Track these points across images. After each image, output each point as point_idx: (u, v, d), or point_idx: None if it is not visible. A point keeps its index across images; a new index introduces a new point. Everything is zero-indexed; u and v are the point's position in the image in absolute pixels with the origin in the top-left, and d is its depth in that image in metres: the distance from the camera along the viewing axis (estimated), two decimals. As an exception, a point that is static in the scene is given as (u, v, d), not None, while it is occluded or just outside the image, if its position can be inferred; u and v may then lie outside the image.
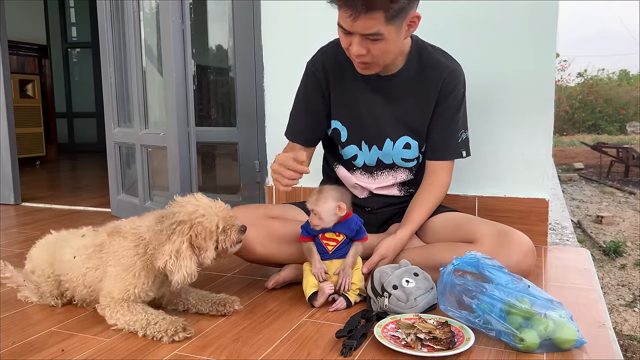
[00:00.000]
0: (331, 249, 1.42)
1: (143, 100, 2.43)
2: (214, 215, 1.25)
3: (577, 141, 11.76)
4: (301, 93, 1.68)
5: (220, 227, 1.26)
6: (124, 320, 1.26)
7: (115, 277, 1.27)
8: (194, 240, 1.23)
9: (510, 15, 1.94)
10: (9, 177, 3.10)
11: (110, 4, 2.59)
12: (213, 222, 1.25)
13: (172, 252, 1.21)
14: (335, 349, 1.16)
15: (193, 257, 1.23)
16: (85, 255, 1.33)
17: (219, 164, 2.98)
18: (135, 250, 1.27)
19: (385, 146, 1.61)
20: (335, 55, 1.59)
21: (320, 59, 1.62)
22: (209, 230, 1.24)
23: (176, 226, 1.23)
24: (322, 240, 1.42)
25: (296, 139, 1.68)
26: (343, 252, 1.42)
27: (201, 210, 1.25)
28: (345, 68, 1.56)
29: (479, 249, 1.33)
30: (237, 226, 1.30)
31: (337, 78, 1.60)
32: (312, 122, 1.66)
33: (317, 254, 1.42)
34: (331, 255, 1.42)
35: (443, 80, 1.54)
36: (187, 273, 1.22)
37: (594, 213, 5.56)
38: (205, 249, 1.24)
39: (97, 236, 1.36)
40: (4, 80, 3.08)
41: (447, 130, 1.59)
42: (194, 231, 1.23)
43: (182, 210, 1.25)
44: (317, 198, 1.40)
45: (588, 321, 1.27)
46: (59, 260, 1.39)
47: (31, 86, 5.46)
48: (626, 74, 17.32)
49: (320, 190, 1.42)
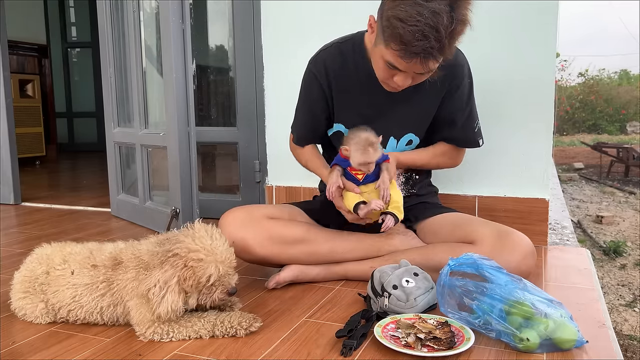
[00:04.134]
0: (361, 178, 1.44)
1: (143, 100, 2.43)
2: (212, 264, 1.17)
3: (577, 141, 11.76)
4: (304, 96, 1.67)
5: (211, 281, 1.18)
6: (181, 335, 1.22)
7: (139, 306, 1.22)
8: (181, 281, 1.18)
9: (510, 15, 1.94)
10: (9, 177, 3.10)
11: (110, 4, 2.59)
12: (206, 273, 1.17)
13: (160, 281, 1.16)
14: (335, 349, 1.16)
15: (181, 294, 1.18)
16: (98, 293, 1.26)
17: (219, 164, 2.98)
18: (139, 280, 1.22)
19: (389, 145, 1.61)
20: (339, 56, 1.57)
21: (322, 60, 1.59)
22: (197, 279, 1.17)
23: (171, 256, 1.18)
24: (351, 172, 1.44)
25: (301, 139, 1.71)
26: (372, 178, 1.44)
27: (202, 254, 1.17)
28: (350, 71, 1.54)
29: (479, 250, 1.34)
30: (226, 286, 1.22)
31: (341, 81, 1.58)
32: (312, 123, 1.68)
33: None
34: (362, 182, 1.44)
35: (449, 76, 1.53)
36: (172, 309, 1.17)
37: (594, 213, 5.56)
38: (188, 294, 1.20)
39: (99, 270, 1.27)
40: (4, 80, 3.08)
41: (466, 124, 1.62)
42: (183, 273, 1.17)
43: (184, 245, 1.18)
44: (373, 150, 1.38)
45: (588, 321, 1.27)
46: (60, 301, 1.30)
47: (31, 86, 5.46)
48: (626, 73, 17.33)
49: (370, 143, 1.38)
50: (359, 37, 1.56)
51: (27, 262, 1.37)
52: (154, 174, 2.49)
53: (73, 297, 1.28)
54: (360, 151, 1.39)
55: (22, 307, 1.34)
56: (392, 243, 1.60)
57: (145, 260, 1.23)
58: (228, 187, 2.85)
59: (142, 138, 2.44)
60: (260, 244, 1.51)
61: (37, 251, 1.38)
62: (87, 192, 3.61)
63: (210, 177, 2.97)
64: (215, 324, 1.23)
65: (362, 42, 1.54)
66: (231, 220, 1.54)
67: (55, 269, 1.31)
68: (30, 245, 1.51)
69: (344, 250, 1.57)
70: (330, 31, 1.71)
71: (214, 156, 2.96)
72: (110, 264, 1.28)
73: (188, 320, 1.23)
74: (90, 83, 6.74)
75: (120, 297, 1.25)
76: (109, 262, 1.28)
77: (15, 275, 1.37)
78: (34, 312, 1.32)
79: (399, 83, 1.38)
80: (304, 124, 1.70)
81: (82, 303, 1.27)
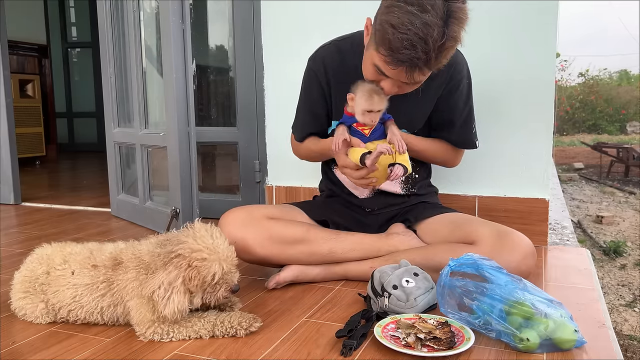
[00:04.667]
0: (368, 132, 1.42)
1: (143, 100, 2.43)
2: (215, 262, 1.18)
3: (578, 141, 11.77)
4: (304, 96, 1.68)
5: (215, 280, 1.18)
6: (181, 335, 1.22)
7: (139, 306, 1.22)
8: (186, 281, 1.17)
9: (510, 15, 1.94)
10: (9, 177, 3.10)
11: (110, 4, 2.59)
12: (210, 272, 1.17)
13: (164, 282, 1.16)
14: (335, 349, 1.16)
15: (187, 294, 1.18)
16: (98, 293, 1.26)
17: (219, 164, 2.98)
18: (139, 280, 1.22)
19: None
20: (337, 54, 1.57)
21: (321, 57, 1.60)
22: (202, 279, 1.17)
23: (174, 257, 1.18)
24: (358, 127, 1.42)
25: (303, 136, 1.71)
26: (378, 134, 1.42)
27: (205, 253, 1.17)
28: (349, 68, 1.54)
29: (479, 251, 1.33)
30: (229, 283, 1.22)
31: (340, 78, 1.58)
32: (314, 121, 1.68)
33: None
34: (369, 138, 1.42)
35: (449, 75, 1.53)
36: (179, 309, 1.16)
37: (594, 213, 5.56)
38: (193, 293, 1.20)
39: (99, 270, 1.28)
40: (4, 80, 3.08)
41: (463, 125, 1.61)
42: (188, 273, 1.17)
43: (186, 245, 1.18)
44: (379, 98, 1.37)
45: (588, 321, 1.27)
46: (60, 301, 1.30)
47: (31, 86, 5.46)
48: (626, 73, 17.34)
49: (376, 91, 1.37)
50: (358, 37, 1.56)
51: (27, 262, 1.37)
52: (154, 174, 2.49)
53: (73, 297, 1.28)
54: (366, 97, 1.37)
55: (22, 307, 1.34)
56: (392, 243, 1.60)
57: (146, 260, 1.23)
58: (228, 187, 2.85)
59: (142, 138, 2.44)
60: (261, 244, 1.51)
61: (37, 251, 1.38)
62: (87, 192, 3.61)
63: (210, 177, 2.97)
64: (215, 324, 1.23)
65: (360, 42, 1.54)
66: (231, 220, 1.54)
67: (55, 269, 1.31)
68: (30, 245, 1.51)
69: (343, 250, 1.57)
70: (331, 31, 1.71)
71: (214, 156, 2.96)
72: (111, 264, 1.27)
73: (188, 321, 1.23)
74: (90, 83, 6.74)
75: (120, 297, 1.25)
76: (109, 262, 1.28)
77: (16, 275, 1.37)
78: (34, 312, 1.32)
79: (385, 89, 1.37)
80: (306, 124, 1.70)
81: (83, 303, 1.27)
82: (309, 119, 1.68)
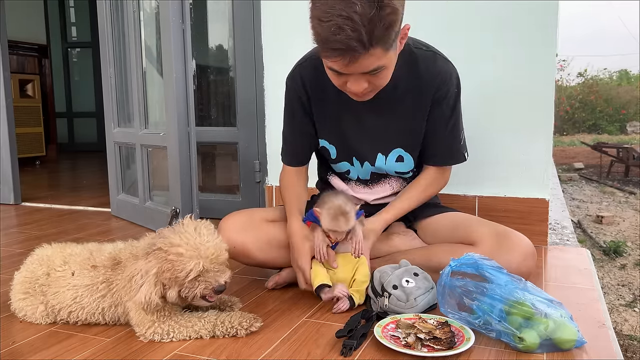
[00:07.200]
0: (334, 241, 1.41)
1: (143, 100, 2.43)
2: (193, 259, 1.15)
3: (577, 141, 11.77)
4: (288, 114, 1.60)
5: (191, 276, 1.16)
6: (181, 335, 1.22)
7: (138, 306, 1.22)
8: (160, 273, 1.17)
9: (510, 16, 1.94)
10: (9, 177, 3.10)
11: (110, 4, 2.59)
12: (185, 268, 1.15)
13: (142, 270, 1.16)
14: (335, 349, 1.16)
15: (158, 287, 1.17)
16: (99, 294, 1.26)
17: (219, 164, 2.98)
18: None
19: (378, 161, 1.55)
20: (313, 70, 1.49)
21: (298, 75, 1.52)
22: (175, 274, 1.15)
23: (156, 249, 1.18)
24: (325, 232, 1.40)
25: (293, 163, 1.62)
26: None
27: (182, 249, 1.16)
28: (326, 84, 1.43)
29: (479, 251, 1.33)
30: (211, 283, 1.19)
31: (318, 95, 1.52)
32: (305, 142, 1.60)
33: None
34: (335, 246, 1.42)
35: (435, 86, 1.46)
36: (145, 300, 1.15)
37: (594, 213, 5.56)
38: (168, 287, 1.19)
39: (98, 271, 1.28)
40: (4, 80, 3.08)
41: (449, 135, 1.52)
42: (162, 266, 1.16)
43: (168, 240, 1.17)
44: (345, 220, 1.34)
45: (588, 321, 1.27)
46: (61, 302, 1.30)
47: (31, 86, 5.46)
48: (626, 73, 17.33)
49: (342, 212, 1.34)
50: None
51: (27, 263, 1.37)
52: (154, 174, 2.49)
53: (74, 298, 1.28)
54: (330, 218, 1.35)
55: (22, 309, 1.34)
56: (392, 243, 1.60)
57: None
58: (228, 187, 2.85)
59: (142, 138, 2.44)
60: (260, 249, 1.52)
61: (37, 252, 1.38)
62: (87, 192, 3.61)
63: (210, 177, 2.98)
64: (216, 324, 1.23)
65: None
66: (231, 224, 1.53)
67: (55, 270, 1.31)
68: (30, 246, 1.51)
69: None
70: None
71: (214, 156, 2.96)
72: (110, 264, 1.27)
73: (188, 321, 1.23)
74: (90, 83, 6.74)
75: (119, 297, 1.25)
76: (109, 263, 1.28)
77: (16, 276, 1.37)
78: (34, 313, 1.32)
79: (352, 89, 1.29)
80: (297, 147, 1.62)
81: (84, 304, 1.27)
82: (298, 140, 1.60)
